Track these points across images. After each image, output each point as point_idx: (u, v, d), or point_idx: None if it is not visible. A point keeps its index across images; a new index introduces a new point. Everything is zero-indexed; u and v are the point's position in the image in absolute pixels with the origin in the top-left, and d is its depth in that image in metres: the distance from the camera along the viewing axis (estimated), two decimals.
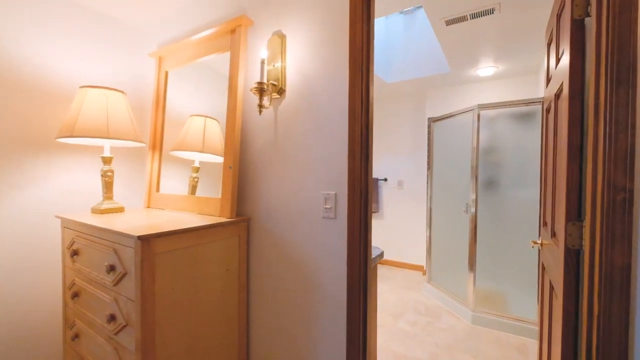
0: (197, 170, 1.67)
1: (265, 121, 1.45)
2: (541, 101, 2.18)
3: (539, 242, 1.49)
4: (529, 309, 2.28)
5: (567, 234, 0.94)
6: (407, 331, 2.30)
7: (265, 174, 1.45)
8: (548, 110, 1.43)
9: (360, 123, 1.18)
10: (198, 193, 1.65)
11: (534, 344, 2.12)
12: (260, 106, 1.31)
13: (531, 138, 2.36)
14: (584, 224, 0.91)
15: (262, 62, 1.29)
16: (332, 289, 1.25)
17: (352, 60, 1.18)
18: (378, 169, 4.04)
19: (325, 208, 1.26)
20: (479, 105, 2.43)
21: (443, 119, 2.85)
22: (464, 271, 2.61)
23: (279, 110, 1.40)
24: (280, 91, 1.38)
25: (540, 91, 2.73)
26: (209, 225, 1.28)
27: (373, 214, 4.11)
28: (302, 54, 1.32)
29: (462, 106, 3.30)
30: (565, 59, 1.00)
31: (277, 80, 1.37)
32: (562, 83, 1.05)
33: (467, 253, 2.56)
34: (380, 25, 3.14)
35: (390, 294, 3.02)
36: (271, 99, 1.38)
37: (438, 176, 2.97)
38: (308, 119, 1.31)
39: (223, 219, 1.39)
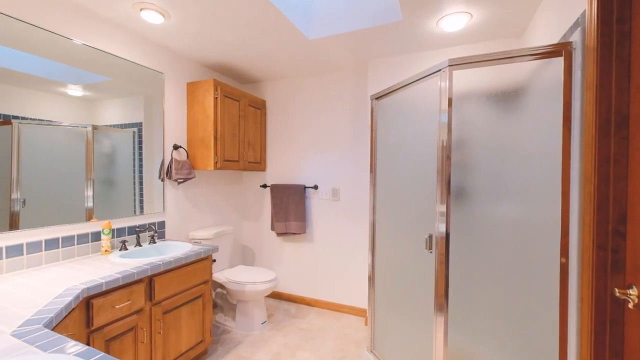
0: None
1: None
2: (563, 47, 1.19)
3: None
4: None
5: None
6: None
7: None
8: None
9: None
10: None
11: None
12: None
13: (515, 129, 1.38)
14: None
15: None
16: None
17: None
18: (305, 174, 2.89)
19: None
20: (450, 61, 1.39)
21: (392, 92, 1.78)
22: (426, 320, 1.55)
23: None
24: None
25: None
26: None
27: (299, 236, 2.94)
28: None
29: None
30: None
31: None
32: None
33: (430, 292, 1.52)
34: None
35: None
36: None
37: (385, 180, 1.90)
38: None
39: None
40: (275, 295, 3.04)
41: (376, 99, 1.92)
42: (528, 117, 1.35)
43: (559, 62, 1.19)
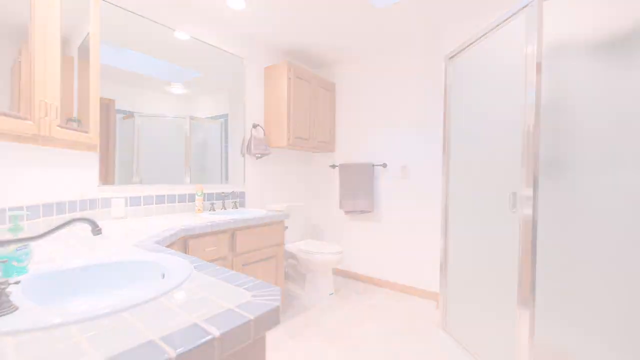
0: None
1: None
2: None
3: None
4: None
5: None
6: None
7: None
8: None
9: None
10: None
11: None
12: None
13: (632, 85, 1.11)
14: None
15: None
16: None
17: None
18: (373, 151, 2.86)
19: None
20: None
21: (468, 47, 1.65)
22: (507, 311, 1.39)
23: None
24: None
25: None
26: None
27: (367, 215, 2.93)
28: None
29: None
30: None
31: None
32: None
33: (514, 278, 1.35)
34: None
35: (376, 345, 1.84)
36: None
37: (459, 155, 1.77)
38: None
39: None
40: (343, 273, 3.09)
41: (450, 58, 1.80)
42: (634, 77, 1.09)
43: None
